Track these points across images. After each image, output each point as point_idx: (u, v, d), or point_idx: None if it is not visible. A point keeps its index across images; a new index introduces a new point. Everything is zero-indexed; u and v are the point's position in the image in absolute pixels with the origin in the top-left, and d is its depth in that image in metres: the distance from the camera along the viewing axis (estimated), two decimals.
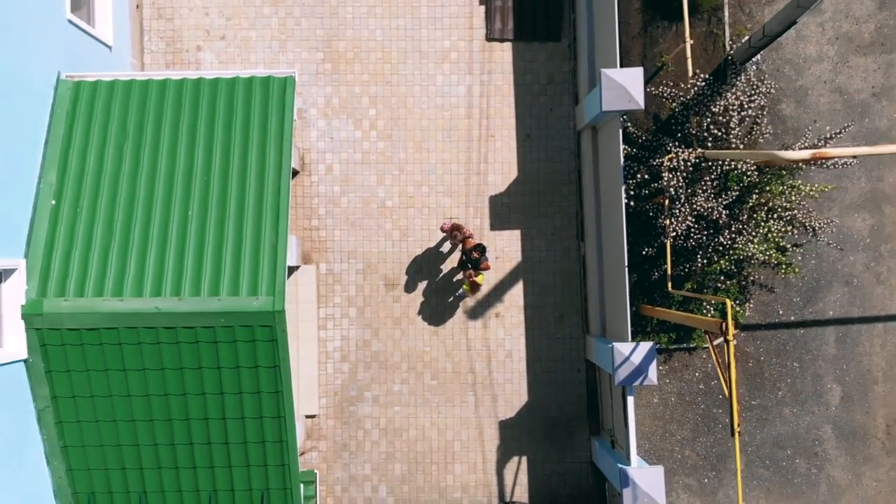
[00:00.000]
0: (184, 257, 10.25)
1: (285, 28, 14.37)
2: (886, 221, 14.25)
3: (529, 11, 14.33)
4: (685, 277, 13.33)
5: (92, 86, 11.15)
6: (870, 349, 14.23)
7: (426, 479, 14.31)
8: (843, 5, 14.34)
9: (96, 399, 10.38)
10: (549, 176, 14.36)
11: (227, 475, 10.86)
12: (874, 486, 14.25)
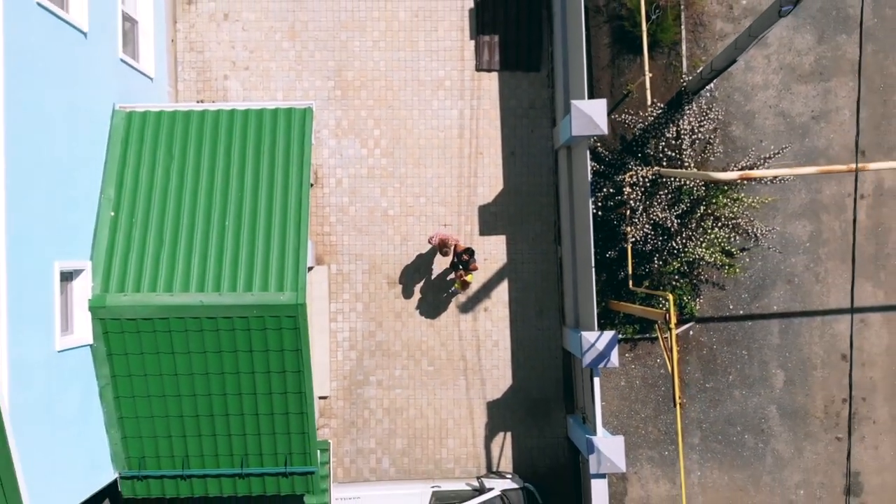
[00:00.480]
0: (222, 259, 12.38)
1: (301, 59, 16.51)
2: (824, 228, 16.39)
3: (513, 46, 16.47)
4: (645, 276, 15.48)
5: (142, 115, 13.29)
6: (809, 339, 16.37)
7: (423, 452, 16.43)
8: (787, 39, 16.48)
9: (148, 377, 12.49)
10: (531, 188, 16.49)
11: (257, 441, 12.98)
12: (813, 459, 16.39)
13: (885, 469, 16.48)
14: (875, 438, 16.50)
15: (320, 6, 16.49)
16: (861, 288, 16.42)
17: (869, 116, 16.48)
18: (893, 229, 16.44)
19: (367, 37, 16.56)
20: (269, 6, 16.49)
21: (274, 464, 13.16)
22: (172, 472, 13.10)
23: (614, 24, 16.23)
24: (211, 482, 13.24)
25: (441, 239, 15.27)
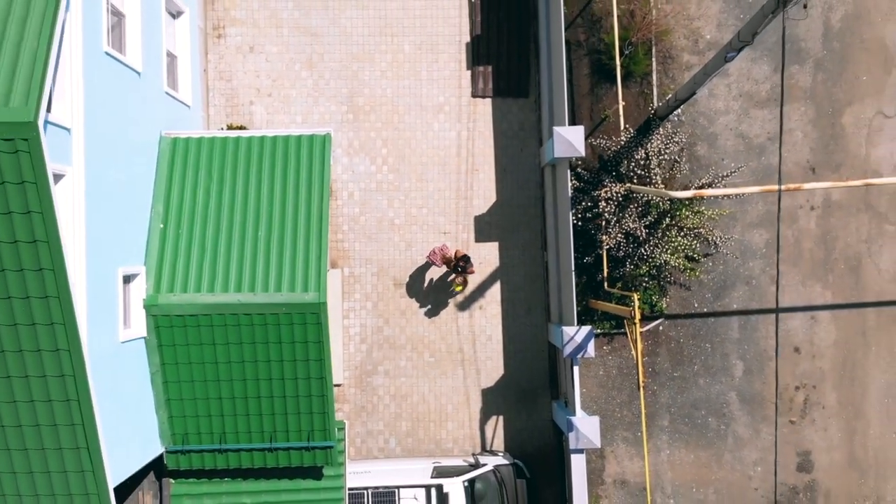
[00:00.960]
0: (255, 264, 14.57)
1: (318, 87, 18.71)
2: (774, 237, 18.60)
3: (504, 75, 18.68)
4: (619, 279, 17.69)
5: (184, 141, 15.49)
6: (765, 334, 18.58)
7: (426, 433, 18.65)
8: (746, 70, 18.69)
9: (192, 365, 14.68)
10: (520, 201, 18.70)
11: (284, 420, 15.17)
12: (769, 439, 18.60)
13: (834, 448, 18.69)
14: (824, 422, 18.71)
15: (334, 40, 18.70)
16: (812, 289, 18.64)
17: (819, 137, 18.69)
18: (840, 237, 18.65)
19: (375, 67, 18.76)
20: (289, 40, 18.70)
21: (298, 439, 15.35)
22: (211, 446, 15.30)
23: (593, 57, 18.45)
24: (244, 455, 15.45)
25: (443, 257, 17.46)
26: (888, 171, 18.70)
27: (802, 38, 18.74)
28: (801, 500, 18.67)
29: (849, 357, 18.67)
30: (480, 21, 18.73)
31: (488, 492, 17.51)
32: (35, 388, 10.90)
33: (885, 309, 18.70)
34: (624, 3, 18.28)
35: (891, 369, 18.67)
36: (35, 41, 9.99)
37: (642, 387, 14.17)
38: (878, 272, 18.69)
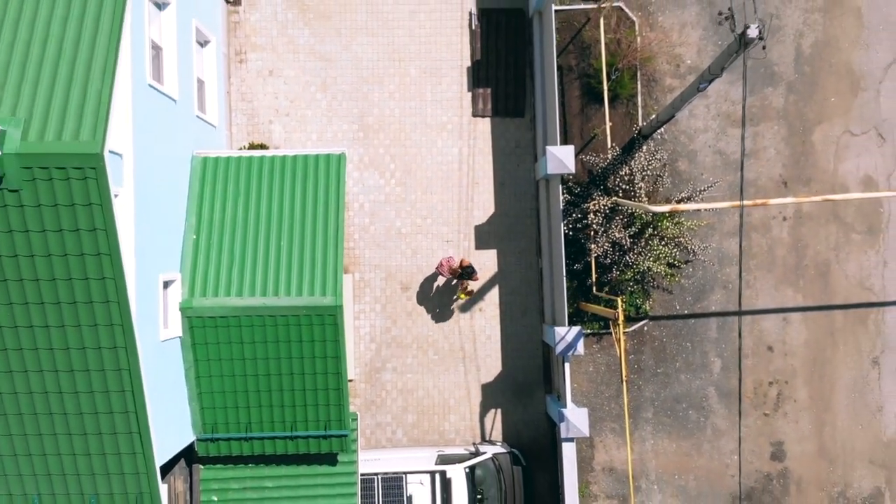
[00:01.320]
0: (279, 271, 16.28)
1: (331, 108, 20.42)
2: (752, 244, 20.31)
3: (502, 97, 20.39)
4: (606, 283, 19.41)
5: (214, 160, 17.20)
6: (748, 336, 20.28)
7: (430, 424, 20.35)
8: (723, 92, 20.39)
9: (222, 361, 16.38)
10: (517, 212, 20.41)
11: (304, 412, 16.86)
12: (744, 430, 20.30)
13: (804, 439, 20.38)
14: (796, 414, 20.40)
15: (347, 64, 20.41)
16: (784, 292, 20.35)
17: (791, 154, 20.40)
18: (810, 245, 20.35)
19: (384, 89, 20.47)
20: (305, 65, 20.41)
21: (316, 429, 17.05)
22: (237, 435, 17.00)
23: (583, 81, 20.17)
24: (267, 443, 17.15)
25: (450, 269, 19.17)
26: (854, 185, 20.39)
27: (776, 62, 20.44)
28: (775, 486, 20.37)
29: (818, 355, 20.36)
30: (480, 47, 20.44)
31: (487, 477, 19.22)
32: (95, 381, 12.61)
33: (852, 311, 20.39)
34: (611, 31, 19.99)
35: (857, 367, 20.36)
36: (99, 83, 11.69)
37: (625, 381, 15.86)
38: (845, 277, 20.38)
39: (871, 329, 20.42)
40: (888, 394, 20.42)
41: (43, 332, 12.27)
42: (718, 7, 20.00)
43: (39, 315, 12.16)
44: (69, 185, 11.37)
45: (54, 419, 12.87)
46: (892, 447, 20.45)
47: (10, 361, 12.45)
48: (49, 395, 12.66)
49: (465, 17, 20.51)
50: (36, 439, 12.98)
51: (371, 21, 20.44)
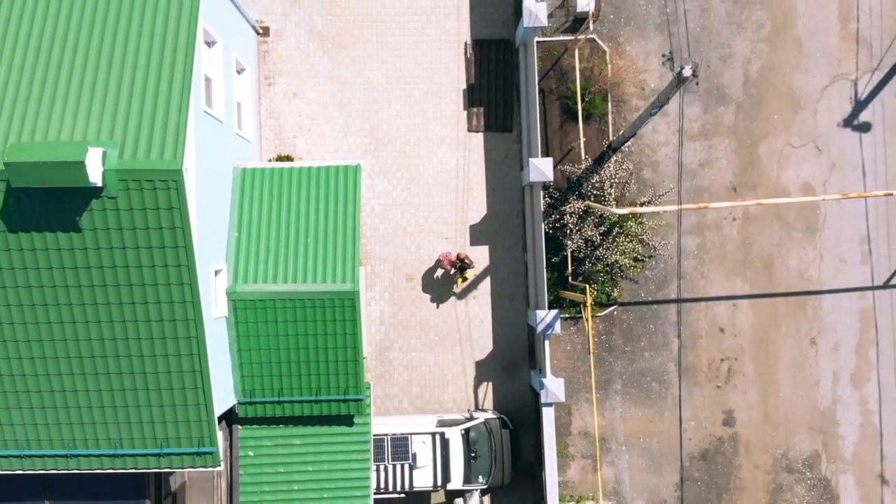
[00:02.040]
0: (306, 262, 19.71)
1: (347, 124, 23.85)
2: (706, 241, 23.75)
3: (493, 115, 23.83)
4: (581, 274, 22.84)
5: (251, 171, 20.63)
6: (696, 318, 23.72)
7: (431, 395, 23.77)
8: (682, 109, 23.82)
9: (259, 337, 19.80)
10: (506, 213, 23.84)
11: (326, 380, 20.27)
12: (700, 400, 23.74)
13: (752, 408, 23.82)
14: (744, 387, 23.84)
15: (360, 87, 23.85)
16: (733, 282, 23.79)
17: (740, 164, 23.84)
18: (756, 242, 23.79)
19: (392, 109, 23.91)
20: (324, 87, 23.85)
21: (336, 394, 20.49)
22: (271, 399, 20.43)
23: (562, 101, 23.62)
24: (296, 406, 20.57)
25: (450, 260, 22.60)
26: (795, 191, 23.83)
27: (727, 85, 23.89)
28: (726, 448, 23.82)
29: (763, 336, 23.81)
30: (474, 72, 23.89)
31: (480, 439, 22.67)
32: (170, 346, 16.04)
33: (792, 298, 23.84)
34: (585, 60, 23.45)
35: (797, 346, 23.81)
36: (177, 114, 15.13)
37: (593, 353, 19.24)
38: (786, 270, 23.83)
39: (810, 314, 23.87)
40: (824, 369, 23.87)
41: (130, 308, 15.69)
42: (677, 39, 23.47)
43: (128, 294, 15.59)
44: (155, 193, 14.80)
45: (136, 378, 16.30)
46: (828, 415, 23.89)
47: (102, 331, 15.89)
48: (132, 358, 16.10)
49: (462, 46, 23.95)
50: (120, 394, 16.41)
51: (381, 50, 23.88)
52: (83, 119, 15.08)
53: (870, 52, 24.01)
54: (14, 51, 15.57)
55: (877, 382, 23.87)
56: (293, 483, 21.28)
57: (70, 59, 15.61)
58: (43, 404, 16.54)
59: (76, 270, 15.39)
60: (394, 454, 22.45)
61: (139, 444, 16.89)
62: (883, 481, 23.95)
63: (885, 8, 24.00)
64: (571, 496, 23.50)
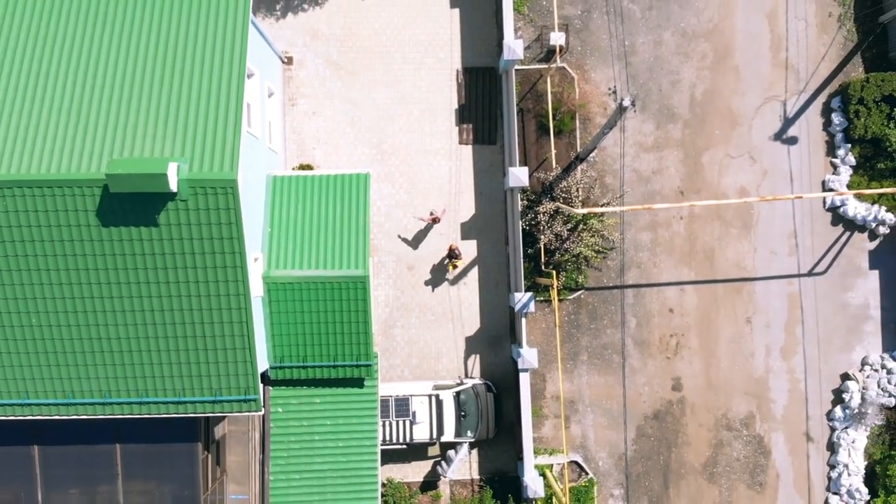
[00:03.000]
0: (326, 251, 24.28)
1: (357, 138, 28.45)
2: (658, 237, 28.35)
3: (480, 130, 28.43)
4: (552, 264, 27.45)
5: (280, 178, 25.24)
6: (650, 301, 28.32)
7: (428, 366, 28.37)
8: (638, 126, 28.42)
9: (288, 313, 24.38)
10: (491, 213, 28.43)
11: (342, 348, 24.83)
12: (653, 369, 28.34)
13: (696, 376, 28.41)
14: (690, 358, 28.43)
15: (368, 107, 28.44)
16: (681, 270, 28.38)
17: (686, 171, 28.44)
18: (699, 237, 28.39)
19: (395, 125, 28.50)
20: (338, 107, 28.45)
21: (350, 359, 25.06)
22: (297, 364, 25.00)
23: (537, 119, 28.23)
24: (317, 370, 25.14)
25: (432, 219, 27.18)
26: (733, 194, 28.42)
27: (676, 106, 28.50)
28: (675, 409, 28.41)
29: (706, 316, 28.41)
30: (464, 95, 28.49)
31: (468, 400, 27.26)
32: (224, 316, 20.63)
33: (730, 284, 28.44)
34: (556, 85, 28.06)
35: (734, 324, 28.40)
36: (232, 136, 19.71)
37: (559, 327, 23.75)
38: (725, 260, 28.44)
39: (745, 297, 28.48)
40: (757, 344, 28.47)
41: (195, 286, 20.26)
42: (635, 69, 28.09)
43: (193, 275, 20.17)
44: (216, 197, 19.39)
45: (197, 340, 20.87)
46: (761, 382, 28.49)
47: (172, 304, 20.48)
48: (195, 325, 20.67)
49: (454, 73, 28.56)
50: (185, 353, 20.99)
51: (386, 76, 28.49)
52: (160, 139, 19.70)
53: (797, 77, 28.63)
54: (113, 88, 20.19)
55: (802, 355, 28.49)
56: (314, 435, 25.88)
57: (149, 94, 20.22)
58: (123, 361, 21.13)
59: (154, 256, 20.01)
60: (397, 412, 27.06)
61: (198, 393, 21.49)
62: (808, 438, 28.56)
63: (809, 40, 28.62)
64: (545, 449, 28.10)
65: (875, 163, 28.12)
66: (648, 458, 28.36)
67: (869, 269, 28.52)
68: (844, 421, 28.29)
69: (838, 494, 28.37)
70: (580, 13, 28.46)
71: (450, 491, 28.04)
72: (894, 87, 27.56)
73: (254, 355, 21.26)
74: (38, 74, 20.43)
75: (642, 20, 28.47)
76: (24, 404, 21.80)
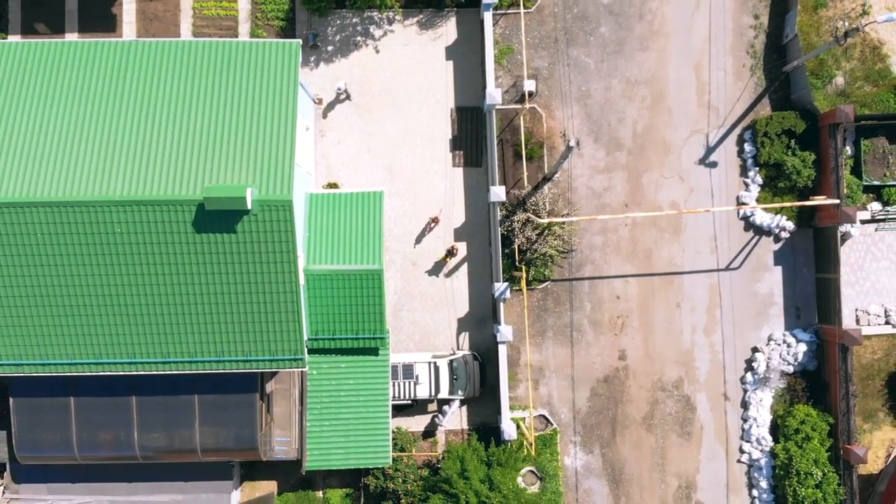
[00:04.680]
0: (350, 250, 32.16)
1: (373, 163, 36.34)
2: (608, 240, 36.26)
3: (469, 156, 36.32)
4: (525, 261, 35.38)
5: (315, 195, 33.16)
6: (601, 290, 36.22)
7: (428, 341, 36.25)
8: (592, 152, 36.29)
9: (323, 297, 32.23)
10: (478, 221, 36.31)
11: (362, 325, 32.68)
12: (603, 343, 36.23)
13: (637, 349, 36.30)
14: (633, 335, 36.33)
15: (381, 137, 36.31)
16: (625, 266, 36.27)
17: (629, 189, 36.30)
18: (640, 240, 36.28)
19: (402, 152, 36.38)
20: (358, 138, 36.34)
21: (369, 333, 32.93)
22: (328, 336, 32.89)
23: (514, 148, 36.12)
24: (343, 341, 33.02)
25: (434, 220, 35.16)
26: (666, 207, 36.27)
27: (622, 137, 36.38)
28: (620, 374, 36.30)
29: (646, 302, 36.31)
30: (457, 128, 36.37)
31: (459, 367, 35.18)
32: (279, 299, 28.54)
33: (663, 277, 36.32)
34: (528, 121, 35.95)
35: (667, 308, 36.26)
36: (288, 168, 27.63)
37: (527, 308, 31.60)
38: (660, 258, 36.35)
39: (676, 287, 36.37)
40: (685, 323, 36.35)
41: (260, 275, 28.17)
42: (589, 109, 36.00)
43: (259, 268, 28.07)
44: (277, 212, 27.27)
45: (261, 315, 28.77)
46: (688, 353, 36.35)
47: (245, 289, 28.37)
48: (261, 303, 28.59)
49: (449, 111, 36.44)
50: (251, 324, 28.91)
51: (395, 114, 36.38)
52: (238, 171, 27.62)
53: (717, 115, 36.52)
54: (202, 132, 28.14)
55: (721, 332, 36.38)
56: (340, 392, 33.80)
57: (228, 137, 28.12)
58: (206, 330, 29.02)
59: (232, 255, 27.91)
60: (403, 375, 34.96)
61: (261, 354, 29.41)
62: (726, 397, 36.44)
63: (727, 85, 36.51)
64: (519, 405, 36.00)
65: (777, 182, 36.04)
66: (600, 413, 36.26)
67: (773, 265, 36.43)
68: (754, 384, 36.18)
69: (749, 442, 36.25)
70: (547, 65, 36.38)
71: (444, 438, 35.94)
72: (792, 123, 35.46)
73: (302, 326, 29.25)
74: (148, 121, 28.38)
75: (595, 70, 36.39)
76: (130, 363, 29.71)
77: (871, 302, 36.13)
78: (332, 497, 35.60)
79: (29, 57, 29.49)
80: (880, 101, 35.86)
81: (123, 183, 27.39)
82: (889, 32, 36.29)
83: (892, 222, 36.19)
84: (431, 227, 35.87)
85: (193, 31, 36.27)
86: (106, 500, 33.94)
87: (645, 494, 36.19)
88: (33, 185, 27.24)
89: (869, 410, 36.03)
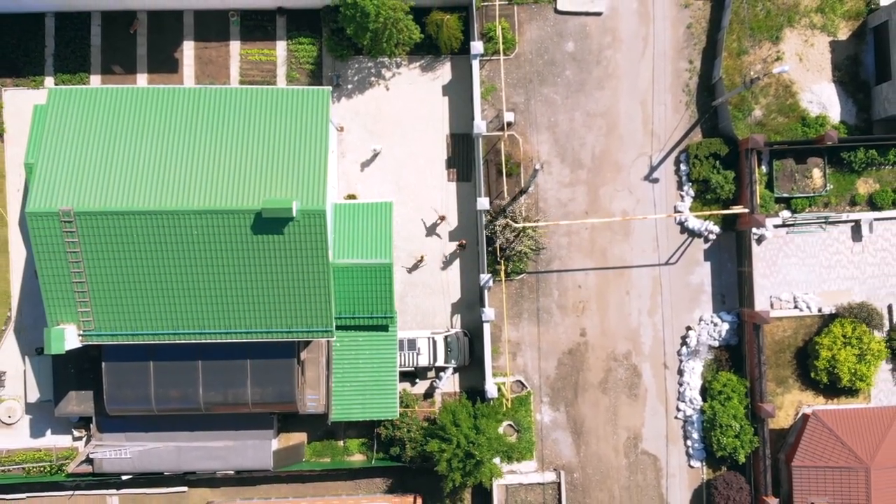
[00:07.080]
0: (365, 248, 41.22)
1: (383, 178, 45.39)
2: (572, 241, 45.33)
3: (461, 173, 45.40)
4: (505, 257, 44.47)
5: (339, 205, 42.28)
6: (567, 280, 45.27)
7: (428, 321, 45.33)
8: (558, 171, 45.37)
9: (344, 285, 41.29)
10: (468, 225, 45.38)
11: (375, 307, 41.73)
12: (568, 323, 45.30)
13: (595, 327, 45.36)
14: (591, 316, 45.37)
15: (390, 158, 45.38)
16: (586, 261, 45.33)
17: (590, 200, 45.34)
18: (598, 241, 45.33)
19: (407, 169, 45.47)
20: (370, 157, 45.42)
21: (380, 313, 42.01)
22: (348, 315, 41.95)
23: (497, 167, 45.19)
24: (360, 319, 42.08)
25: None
26: (618, 214, 45.31)
27: (583, 158, 45.45)
28: (581, 348, 45.34)
29: (602, 290, 45.37)
30: (452, 150, 45.47)
31: (453, 342, 44.31)
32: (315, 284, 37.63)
33: (617, 270, 45.34)
34: (507, 146, 45.02)
35: (619, 295, 45.28)
36: (322, 185, 36.72)
37: (505, 294, 40.71)
38: (613, 255, 45.41)
39: (626, 278, 45.46)
40: (633, 307, 45.40)
41: (300, 266, 37.27)
42: (557, 135, 45.12)
43: (300, 261, 37.17)
44: (313, 219, 36.35)
45: (299, 296, 37.84)
46: (635, 331, 45.38)
47: (288, 276, 37.45)
48: (300, 287, 37.69)
49: (445, 137, 45.54)
50: (291, 304, 38.01)
51: (402, 139, 45.49)
52: (284, 188, 36.74)
53: (659, 140, 45.59)
54: (256, 158, 37.30)
55: (661, 315, 45.44)
56: (358, 360, 42.92)
57: (276, 163, 37.27)
58: (257, 309, 38.12)
59: (279, 251, 37.03)
60: (408, 348, 44.03)
61: (298, 325, 38.52)
62: (665, 366, 45.53)
63: (667, 117, 45.60)
64: (501, 373, 45.07)
65: (706, 195, 45.13)
66: (565, 379, 45.34)
67: (704, 261, 45.51)
68: (687, 355, 45.26)
69: (684, 402, 45.32)
70: (523, 100, 45.50)
71: (441, 398, 45.01)
72: (718, 148, 44.55)
73: (332, 305, 38.41)
74: (216, 150, 37.56)
75: (562, 105, 45.50)
76: (199, 332, 38.83)
77: (783, 290, 45.13)
78: (351, 445, 44.71)
79: (123, 100, 38.66)
80: (790, 130, 44.91)
81: (199, 196, 36.53)
82: (798, 74, 45.37)
83: (800, 226, 45.23)
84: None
85: (241, 72, 45.40)
86: (172, 445, 43.00)
87: (601, 444, 45.26)
88: (132, 198, 36.40)
89: (781, 377, 45.06)
